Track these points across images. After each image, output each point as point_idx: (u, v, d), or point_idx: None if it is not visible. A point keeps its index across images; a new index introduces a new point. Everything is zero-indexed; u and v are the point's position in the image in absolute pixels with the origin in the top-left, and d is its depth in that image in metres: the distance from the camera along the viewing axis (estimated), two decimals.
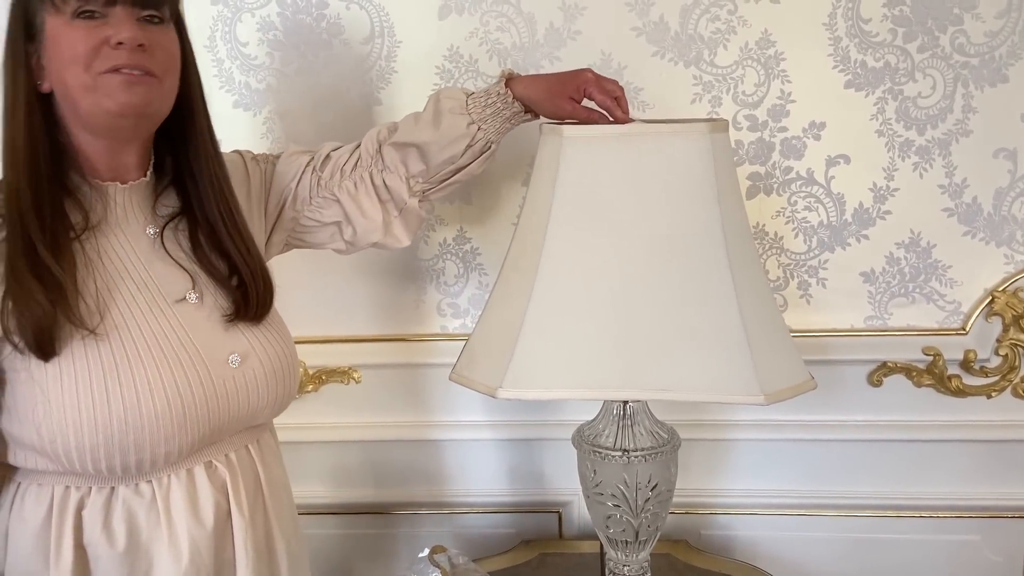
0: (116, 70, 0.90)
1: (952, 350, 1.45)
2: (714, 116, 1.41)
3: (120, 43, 0.90)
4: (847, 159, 1.41)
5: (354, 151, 1.19)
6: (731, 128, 1.40)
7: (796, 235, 1.45)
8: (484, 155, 1.17)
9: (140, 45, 0.91)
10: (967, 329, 1.44)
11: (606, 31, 1.39)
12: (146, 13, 0.93)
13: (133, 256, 0.98)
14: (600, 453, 1.16)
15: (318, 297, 1.51)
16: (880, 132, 1.40)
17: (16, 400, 0.92)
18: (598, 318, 1.05)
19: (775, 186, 1.43)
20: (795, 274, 1.46)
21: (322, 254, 1.30)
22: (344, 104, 1.45)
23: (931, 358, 1.45)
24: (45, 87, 0.93)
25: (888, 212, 1.42)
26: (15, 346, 0.90)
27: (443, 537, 1.57)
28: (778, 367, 1.06)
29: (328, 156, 1.19)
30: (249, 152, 1.19)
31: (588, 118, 1.12)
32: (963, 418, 1.48)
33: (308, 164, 1.18)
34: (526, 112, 1.17)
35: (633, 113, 1.39)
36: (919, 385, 1.47)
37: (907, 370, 1.46)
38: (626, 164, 1.05)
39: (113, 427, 0.90)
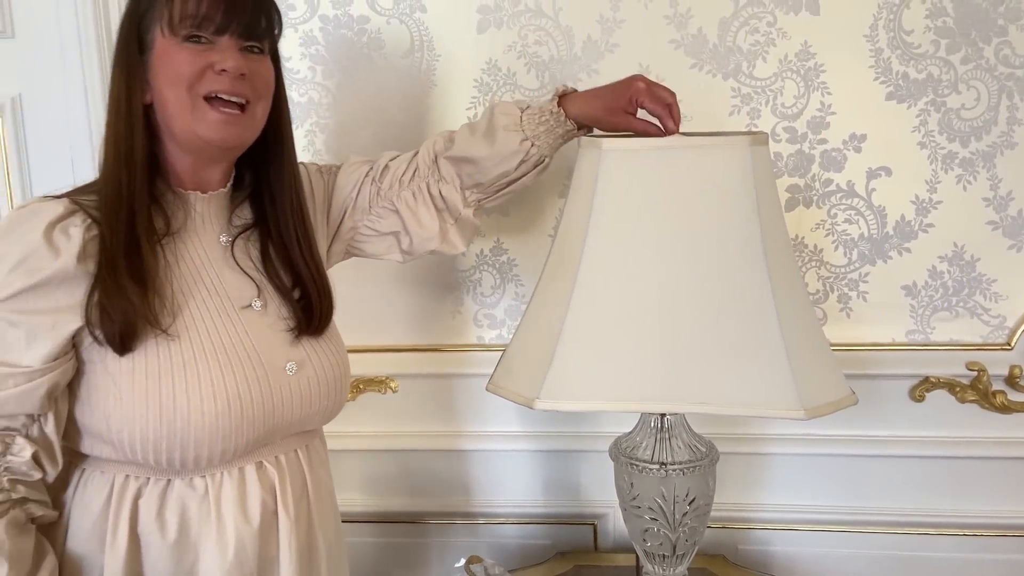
0: (216, 96, 0.97)
1: (997, 365, 1.42)
2: (753, 128, 1.41)
3: (224, 70, 0.96)
4: (888, 171, 1.40)
5: (411, 161, 1.22)
6: (770, 140, 1.39)
7: (836, 248, 1.44)
8: (537, 168, 1.19)
9: (241, 74, 0.97)
10: (1012, 344, 1.42)
11: (644, 44, 1.40)
12: (250, 44, 0.99)
13: (207, 262, 1.03)
14: (637, 466, 1.16)
15: (356, 307, 1.53)
16: (923, 144, 1.38)
17: (90, 390, 0.97)
18: (636, 330, 1.05)
19: (815, 198, 1.42)
20: (835, 287, 1.45)
21: (360, 263, 1.32)
22: (384, 117, 1.47)
23: (975, 373, 1.42)
24: (147, 99, 0.98)
25: (931, 225, 1.41)
26: (95, 338, 0.94)
27: (478, 548, 1.57)
28: (819, 381, 1.05)
29: (387, 167, 1.22)
30: (314, 164, 1.23)
31: (645, 131, 1.10)
32: (1008, 435, 1.45)
33: (367, 175, 1.22)
34: (580, 128, 1.17)
35: None
36: (962, 401, 1.44)
37: (950, 385, 1.44)
38: (665, 177, 1.05)
39: (176, 423, 0.95)
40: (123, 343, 0.94)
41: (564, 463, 1.55)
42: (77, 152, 1.47)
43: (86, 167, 1.46)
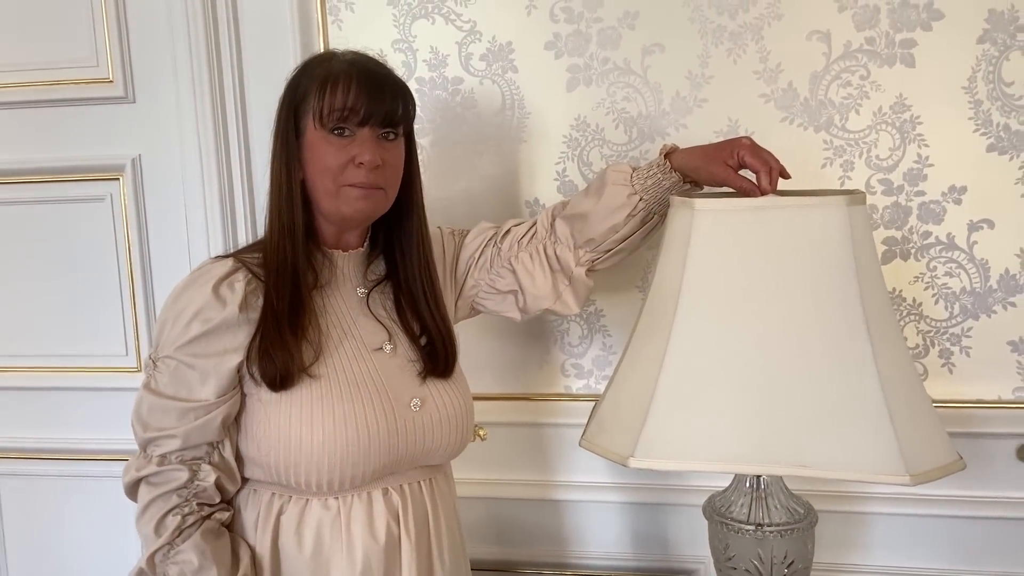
0: (355, 185, 1.10)
1: None
2: (846, 180, 1.40)
3: (362, 163, 1.09)
4: (991, 224, 1.36)
5: (532, 226, 1.31)
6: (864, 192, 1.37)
7: (936, 301, 1.40)
8: (646, 226, 1.25)
9: (377, 166, 1.09)
10: None
11: (733, 98, 1.41)
12: (385, 131, 1.11)
13: (345, 310, 1.16)
14: (732, 526, 1.15)
15: None
16: None
17: (247, 419, 1.11)
18: (732, 390, 1.04)
19: (912, 251, 1.40)
20: (936, 342, 1.41)
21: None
22: (476, 172, 1.52)
23: None
24: (301, 176, 1.12)
25: None
26: (253, 378, 1.09)
27: None
28: (924, 445, 1.03)
29: (509, 230, 1.32)
30: (448, 228, 1.35)
31: (741, 187, 1.12)
32: None
33: (491, 238, 1.32)
34: (685, 182, 1.22)
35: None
36: None
37: None
38: (760, 237, 1.06)
39: (314, 448, 1.07)
40: (282, 385, 1.08)
41: (655, 516, 1.54)
42: (191, 210, 1.57)
43: (199, 223, 1.56)
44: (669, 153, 1.23)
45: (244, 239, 1.56)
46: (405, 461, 1.14)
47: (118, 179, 1.60)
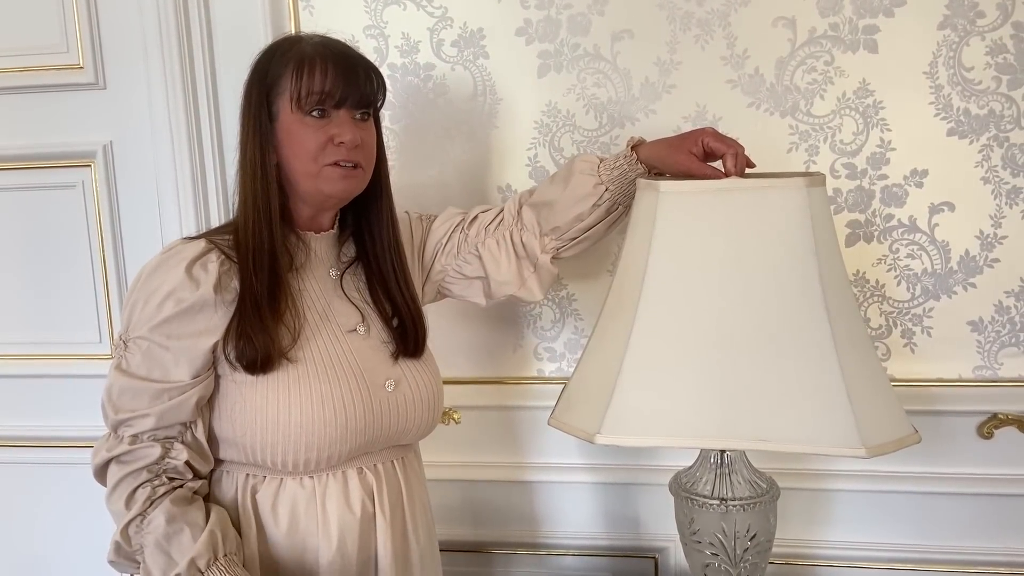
0: (336, 164, 1.10)
1: None
2: (811, 164, 1.42)
3: (342, 142, 1.09)
4: (951, 206, 1.39)
5: (499, 213, 1.33)
6: (829, 176, 1.40)
7: (899, 283, 1.43)
8: (611, 216, 1.27)
9: (356, 145, 1.11)
10: None
11: (701, 84, 1.43)
12: (361, 112, 1.13)
13: (319, 292, 1.17)
14: (697, 501, 1.17)
15: None
16: (986, 179, 1.37)
17: (221, 400, 1.12)
18: (696, 367, 1.07)
19: (875, 233, 1.42)
20: (898, 322, 1.44)
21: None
22: (448, 158, 1.53)
23: None
24: (273, 159, 1.12)
25: (996, 260, 1.39)
26: (230, 362, 1.09)
27: None
28: (880, 419, 1.05)
29: (476, 217, 1.33)
30: (416, 212, 1.36)
31: (704, 174, 1.14)
32: None
33: (459, 224, 1.33)
34: (651, 174, 1.24)
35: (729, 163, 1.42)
36: None
37: (1020, 422, 1.41)
38: (722, 218, 1.08)
39: (291, 429, 1.08)
40: (260, 368, 1.08)
41: (625, 496, 1.57)
42: (163, 196, 1.57)
43: (171, 210, 1.56)
44: (636, 145, 1.25)
45: (217, 224, 1.56)
46: (379, 441, 1.16)
47: (89, 166, 1.60)
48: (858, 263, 1.43)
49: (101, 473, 1.12)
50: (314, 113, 1.09)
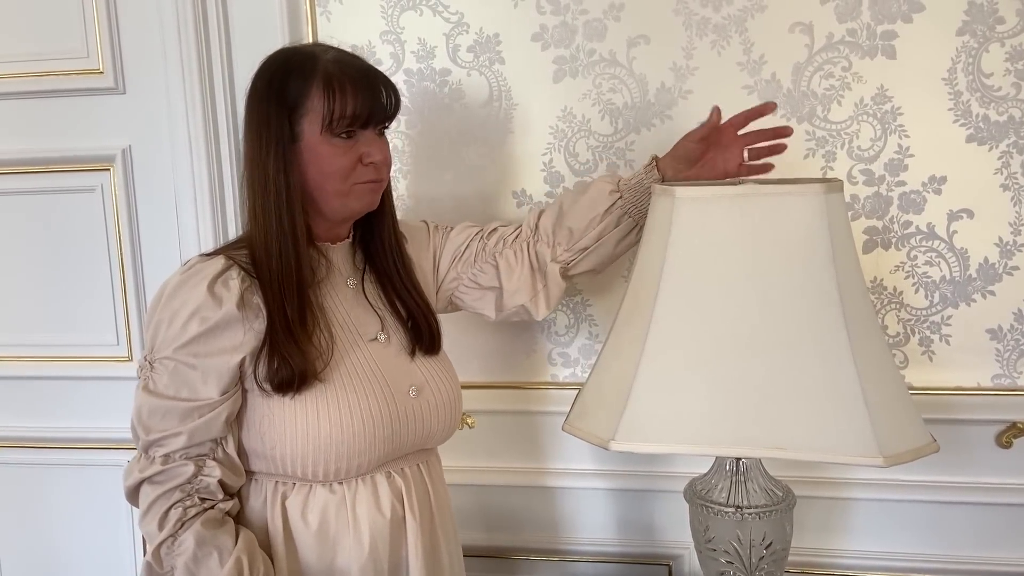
0: (366, 183, 1.12)
1: None
2: (828, 171, 1.41)
3: (372, 162, 1.12)
4: (970, 213, 1.38)
5: (518, 227, 1.36)
6: (846, 182, 1.39)
7: (917, 290, 1.42)
8: (621, 227, 1.29)
9: (384, 161, 1.13)
10: None
11: (717, 90, 1.42)
12: (382, 127, 1.15)
13: (339, 303, 1.17)
14: (713, 509, 1.17)
15: None
16: (1005, 186, 1.36)
17: (249, 414, 1.12)
18: (712, 374, 1.06)
19: (893, 240, 1.41)
20: (916, 330, 1.43)
21: None
22: (463, 163, 1.53)
23: None
24: (296, 178, 1.10)
25: (1016, 268, 1.38)
26: (260, 386, 1.09)
27: None
28: (898, 428, 1.04)
29: (495, 229, 1.36)
30: (433, 222, 1.37)
31: (718, 122, 1.25)
32: None
33: (477, 233, 1.35)
34: (665, 182, 1.27)
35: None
36: None
37: None
38: (739, 224, 1.07)
39: (321, 440, 1.09)
40: (296, 389, 1.08)
41: (639, 502, 1.56)
42: (181, 200, 1.58)
43: (189, 213, 1.57)
44: (656, 158, 1.30)
45: (234, 229, 1.57)
46: (405, 446, 1.17)
47: (108, 170, 1.62)
48: (875, 270, 1.42)
49: (133, 494, 1.11)
50: (343, 135, 1.10)
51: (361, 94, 1.09)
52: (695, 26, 1.41)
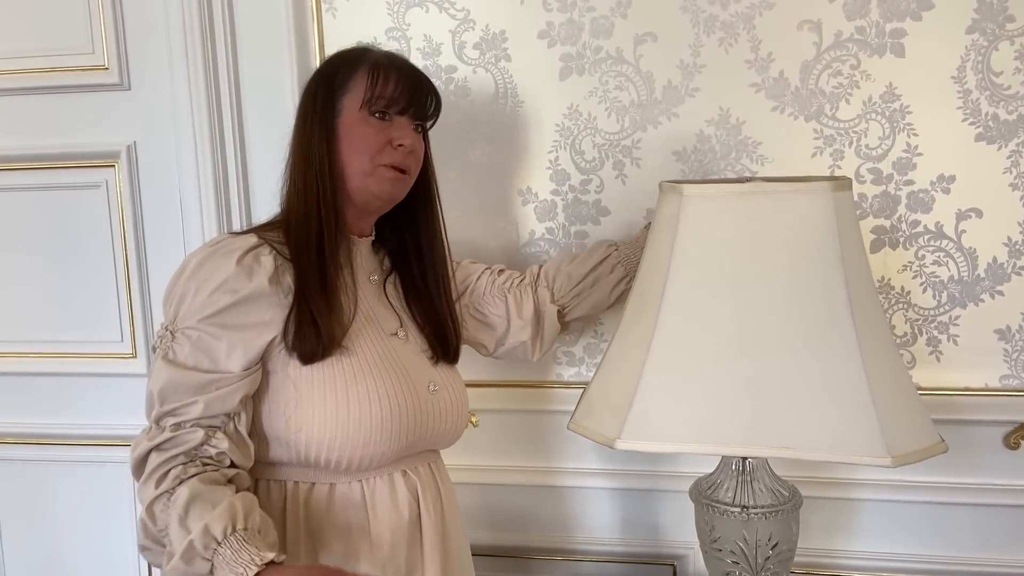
0: (390, 166, 1.14)
1: None
2: (836, 169, 1.41)
3: (401, 145, 1.14)
4: (979, 213, 1.37)
5: (524, 274, 1.41)
6: (854, 181, 1.38)
7: (924, 290, 1.41)
8: (614, 275, 1.36)
9: (412, 150, 1.16)
10: None
11: (725, 88, 1.42)
12: (418, 123, 1.19)
13: (362, 294, 1.19)
14: (718, 508, 1.16)
15: None
16: (1014, 186, 1.35)
17: (271, 395, 1.11)
18: (718, 373, 1.06)
19: (901, 239, 1.41)
20: (924, 330, 1.42)
21: None
22: (469, 161, 1.53)
23: None
24: (336, 151, 1.14)
25: None
26: (290, 350, 1.09)
27: None
28: (906, 427, 1.04)
29: (503, 270, 1.42)
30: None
31: None
32: None
33: (487, 269, 1.41)
34: None
35: (752, 167, 1.42)
36: None
37: None
38: (746, 222, 1.06)
39: (350, 424, 1.09)
40: (321, 353, 1.09)
41: (644, 502, 1.55)
42: (186, 196, 1.58)
43: (194, 210, 1.57)
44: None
45: (238, 225, 1.57)
46: (421, 443, 1.17)
47: (113, 166, 1.61)
48: (883, 269, 1.41)
49: (140, 465, 1.07)
50: (378, 115, 1.14)
51: (403, 82, 1.15)
52: (703, 23, 1.41)
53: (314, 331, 1.07)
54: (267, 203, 1.53)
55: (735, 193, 1.08)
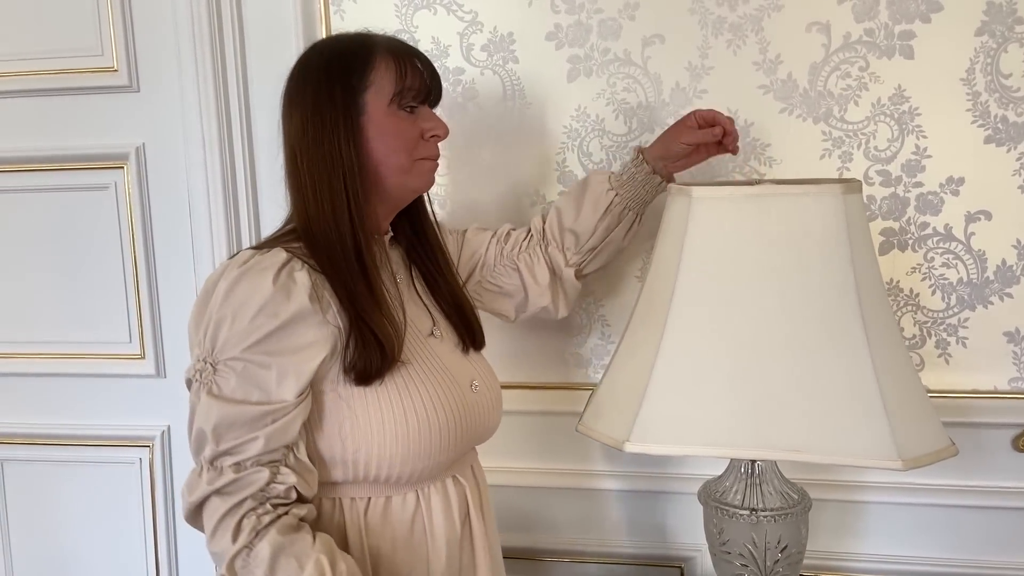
0: (427, 158, 1.12)
1: None
2: (844, 171, 1.40)
3: (435, 135, 1.12)
4: (988, 215, 1.37)
5: (528, 230, 1.36)
6: (863, 183, 1.38)
7: (933, 292, 1.41)
8: (624, 222, 1.31)
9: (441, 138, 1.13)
10: None
11: (733, 89, 1.41)
12: (435, 105, 1.16)
13: (395, 297, 1.12)
14: (727, 511, 1.16)
15: None
16: None
17: (322, 416, 1.04)
18: (727, 376, 1.05)
19: (910, 242, 1.40)
20: (933, 332, 1.42)
21: None
22: (477, 162, 1.53)
23: None
24: (365, 153, 1.07)
25: None
26: (347, 372, 1.02)
27: None
28: (916, 431, 1.03)
29: (509, 233, 1.37)
30: (443, 225, 1.30)
31: (703, 138, 1.25)
32: None
33: (493, 236, 1.36)
34: (654, 173, 1.29)
35: (761, 169, 1.41)
36: None
37: None
38: (756, 225, 1.06)
39: (411, 437, 1.04)
40: (378, 373, 1.03)
41: (651, 504, 1.55)
42: (195, 198, 1.58)
43: (202, 212, 1.57)
44: (641, 150, 1.32)
45: (247, 227, 1.57)
46: (471, 443, 1.15)
47: (122, 167, 1.62)
48: (892, 271, 1.41)
49: (197, 512, 1.00)
50: (407, 108, 1.09)
51: (424, 68, 1.11)
52: (711, 25, 1.41)
53: (378, 350, 1.01)
54: (275, 204, 1.53)
55: (744, 195, 1.08)
